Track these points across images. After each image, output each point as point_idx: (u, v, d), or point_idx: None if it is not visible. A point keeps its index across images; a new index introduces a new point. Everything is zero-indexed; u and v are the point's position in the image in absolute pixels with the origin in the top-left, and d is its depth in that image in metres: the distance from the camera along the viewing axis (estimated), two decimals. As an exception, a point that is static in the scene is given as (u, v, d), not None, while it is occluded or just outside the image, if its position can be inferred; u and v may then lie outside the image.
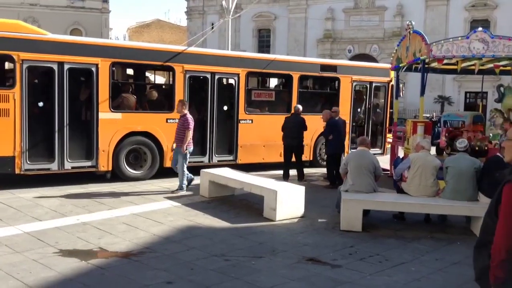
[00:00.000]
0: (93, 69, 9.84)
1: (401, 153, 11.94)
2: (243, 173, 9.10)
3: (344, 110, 13.16)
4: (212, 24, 37.37)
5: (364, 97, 13.96)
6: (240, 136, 11.72)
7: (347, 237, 6.80)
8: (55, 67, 9.44)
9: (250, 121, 11.95)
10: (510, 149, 2.71)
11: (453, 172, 7.24)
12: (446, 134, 10.69)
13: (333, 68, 13.40)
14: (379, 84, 13.93)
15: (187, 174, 9.39)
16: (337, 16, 37.68)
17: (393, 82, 13.07)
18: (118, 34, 69.73)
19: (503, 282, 2.56)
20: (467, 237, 6.97)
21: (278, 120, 11.20)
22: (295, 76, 12.55)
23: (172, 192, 9.27)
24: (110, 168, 10.18)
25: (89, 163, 9.98)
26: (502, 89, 11.69)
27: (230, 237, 6.57)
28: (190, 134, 9.12)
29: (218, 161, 11.45)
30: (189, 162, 9.69)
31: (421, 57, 9.82)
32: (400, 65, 11.75)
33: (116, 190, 9.38)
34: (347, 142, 12.56)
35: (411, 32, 10.56)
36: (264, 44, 40.26)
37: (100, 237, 6.35)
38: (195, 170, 9.94)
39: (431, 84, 26.81)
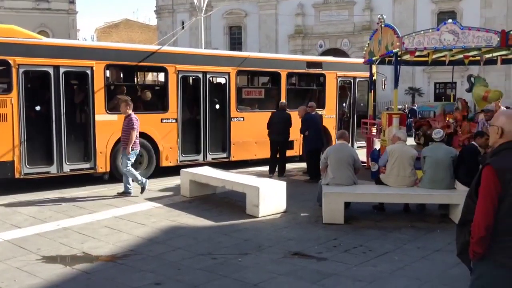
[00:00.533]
0: (88, 71, 9.91)
1: (377, 145, 12.13)
2: (223, 171, 9.11)
3: (330, 105, 13.66)
4: (183, 23, 37.13)
5: (348, 92, 14.25)
6: (233, 134, 11.91)
7: (330, 230, 6.89)
8: (51, 70, 9.49)
9: (242, 119, 12.15)
10: (493, 134, 2.89)
11: (430, 161, 7.40)
12: (413, 125, 10.95)
13: (318, 64, 13.68)
14: (362, 79, 14.21)
15: (141, 179, 8.99)
16: (307, 12, 37.91)
17: (375, 77, 13.43)
18: (86, 35, 68.57)
19: (480, 257, 2.76)
20: (446, 225, 7.15)
21: (268, 117, 11.33)
22: (283, 74, 12.81)
23: (119, 194, 8.97)
24: (108, 170, 10.22)
25: (87, 165, 10.02)
26: (472, 79, 12.00)
27: (214, 236, 6.58)
28: (135, 134, 8.81)
29: (212, 158, 11.64)
30: (185, 161, 9.82)
31: (393, 50, 9.99)
32: (373, 59, 11.93)
33: (95, 193, 9.26)
34: (334, 136, 12.85)
35: (382, 26, 10.73)
36: (235, 41, 40.22)
37: (83, 241, 6.27)
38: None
39: (402, 76, 27.19)
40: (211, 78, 11.81)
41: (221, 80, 12.11)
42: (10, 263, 5.41)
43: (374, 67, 13.00)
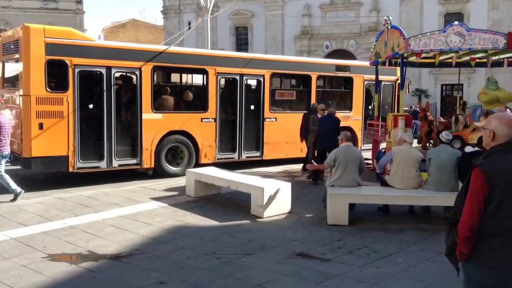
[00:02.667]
0: (137, 72, 10.51)
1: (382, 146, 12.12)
2: (228, 172, 9.13)
3: (357, 108, 14.31)
4: (189, 23, 37.21)
5: (372, 96, 14.69)
6: (266, 134, 12.40)
7: (335, 231, 6.90)
8: (103, 71, 10.05)
9: (274, 119, 12.66)
10: (485, 137, 2.95)
11: (435, 163, 7.39)
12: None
13: (347, 68, 14.17)
14: (387, 83, 14.71)
15: (15, 189, 8.41)
16: (314, 13, 37.83)
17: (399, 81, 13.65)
18: (93, 35, 68.80)
19: (467, 258, 2.81)
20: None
21: (298, 118, 11.98)
22: (314, 76, 13.40)
23: (12, 201, 8.40)
24: (152, 166, 10.76)
25: (134, 161, 10.57)
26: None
27: (219, 236, 6.60)
28: (4, 137, 8.32)
29: (247, 157, 12.27)
30: (221, 159, 10.67)
31: (399, 52, 9.98)
32: (379, 60, 11.92)
33: (100, 192, 9.31)
34: (360, 138, 13.60)
35: (389, 27, 10.72)
36: (242, 42, 40.21)
37: (88, 240, 6.31)
38: (226, 166, 10.53)
39: (409, 78, 27.01)
40: (247, 80, 12.38)
41: (256, 82, 12.67)
42: (16, 261, 5.47)
43: (398, 72, 12.97)
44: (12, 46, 10.00)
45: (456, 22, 9.76)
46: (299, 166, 12.66)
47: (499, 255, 2.76)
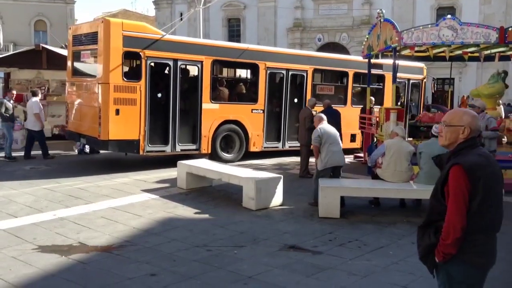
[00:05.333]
0: (199, 65, 11.44)
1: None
2: (220, 164, 9.12)
3: (388, 104, 14.19)
4: (181, 14, 36.92)
5: (402, 92, 15.55)
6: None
7: (326, 224, 6.92)
8: (171, 63, 10.98)
9: (315, 112, 12.53)
10: (447, 134, 2.88)
11: (426, 157, 7.41)
12: None
13: (379, 66, 14.51)
14: (415, 81, 15.75)
15: None
16: (306, 5, 37.70)
17: (425, 80, 15.12)
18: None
19: (450, 258, 2.75)
20: (441, 220, 7.17)
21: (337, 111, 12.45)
22: (350, 73, 14.21)
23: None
24: (209, 151, 11.67)
25: (193, 147, 11.55)
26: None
27: (210, 228, 6.60)
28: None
29: (289, 147, 12.95)
30: (268, 148, 11.40)
31: (392, 45, 9.97)
32: (371, 53, 11.91)
33: (91, 184, 9.24)
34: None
35: (381, 20, 10.70)
36: (234, 33, 39.96)
37: (78, 232, 6.28)
38: (271, 154, 11.37)
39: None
40: (292, 75, 13.21)
41: (300, 77, 13.47)
42: (5, 252, 5.42)
43: (425, 70, 13.03)
44: (86, 38, 10.96)
45: (449, 16, 9.75)
46: (291, 159, 12.67)
47: (483, 250, 2.77)
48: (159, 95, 11.07)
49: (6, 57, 16.41)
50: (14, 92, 12.81)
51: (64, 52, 17.35)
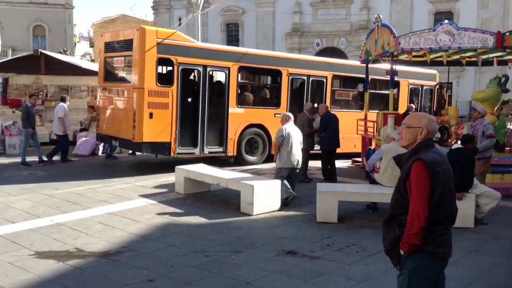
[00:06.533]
0: (226, 71, 11.93)
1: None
2: (218, 169, 9.11)
3: (403, 110, 14.89)
4: (180, 19, 36.99)
5: (415, 98, 16.19)
6: None
7: (324, 228, 6.91)
8: (200, 69, 11.46)
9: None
10: (407, 135, 3.09)
11: (424, 162, 7.40)
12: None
13: (395, 73, 14.27)
14: (428, 88, 16.34)
15: None
16: (305, 10, 37.80)
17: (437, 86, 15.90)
18: (82, 30, 68.29)
19: (415, 249, 2.89)
20: (439, 225, 7.17)
21: (352, 116, 13.41)
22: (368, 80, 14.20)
23: None
24: (235, 154, 12.15)
25: (220, 149, 12.00)
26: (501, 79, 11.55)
27: (208, 233, 6.58)
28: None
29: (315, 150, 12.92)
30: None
31: (389, 50, 10.00)
32: (369, 58, 11.94)
33: (88, 189, 9.21)
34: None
35: (379, 25, 10.74)
36: (233, 38, 40.03)
37: (76, 237, 6.26)
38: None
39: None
40: (312, 81, 13.71)
41: (320, 83, 13.98)
42: (2, 258, 5.40)
43: (437, 77, 13.70)
44: (119, 45, 11.49)
45: (446, 21, 9.80)
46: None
47: (443, 240, 2.95)
48: (189, 99, 11.50)
49: (4, 62, 16.43)
50: (35, 97, 13.07)
51: (62, 57, 17.42)
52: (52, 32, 39.46)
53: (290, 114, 8.80)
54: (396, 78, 14.71)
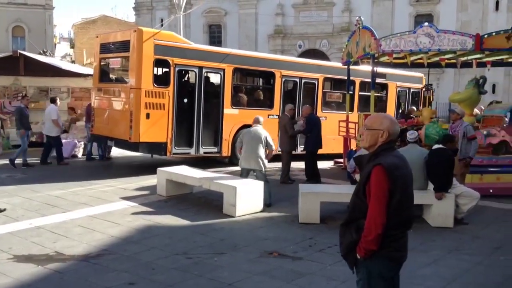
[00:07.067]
0: (221, 73, 12.13)
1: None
2: (200, 170, 9.07)
3: (390, 112, 15.75)
4: (162, 20, 36.79)
5: (402, 101, 16.62)
6: None
7: (306, 229, 6.93)
8: (196, 70, 11.66)
9: (325, 118, 13.41)
10: (368, 137, 3.03)
11: (404, 162, 7.48)
12: None
13: (383, 75, 15.31)
14: (415, 90, 16.72)
15: None
16: (287, 12, 37.97)
17: (424, 88, 16.38)
18: (62, 31, 67.46)
19: (371, 255, 2.88)
20: (419, 225, 7.24)
21: (343, 117, 13.23)
22: (357, 82, 14.75)
23: None
24: (229, 154, 12.29)
25: (215, 150, 12.19)
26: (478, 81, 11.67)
27: (190, 235, 6.55)
28: None
29: (301, 151, 12.84)
30: (280, 151, 10.89)
31: (370, 52, 10.08)
32: (350, 60, 12.03)
33: (68, 192, 9.09)
34: None
35: (360, 27, 10.81)
36: (215, 39, 40.02)
37: (55, 241, 6.16)
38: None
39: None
40: (305, 83, 13.96)
41: (312, 85, 14.19)
42: (-21, 263, 5.29)
43: (424, 80, 13.83)
44: (116, 46, 11.61)
45: (426, 23, 9.91)
46: (272, 165, 12.65)
47: (400, 245, 2.95)
48: (185, 100, 11.65)
49: (-18, 64, 16.09)
50: (28, 98, 13.03)
51: (42, 58, 17.16)
52: (31, 33, 38.85)
53: (260, 118, 8.87)
54: (384, 81, 15.46)
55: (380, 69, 15.07)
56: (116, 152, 13.84)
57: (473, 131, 9.14)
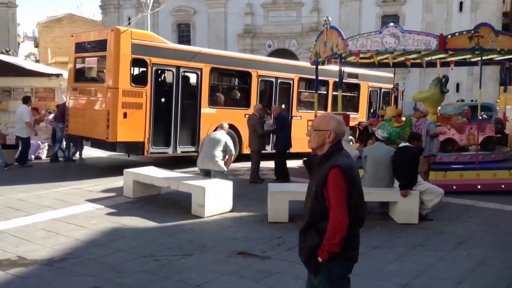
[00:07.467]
0: (198, 72, 12.21)
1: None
2: (168, 171, 8.97)
3: (362, 110, 16.23)
4: (129, 19, 36.29)
5: (374, 100, 16.93)
6: (293, 130, 12.64)
7: (275, 228, 6.94)
8: (174, 70, 11.73)
9: (300, 118, 14.25)
10: (315, 138, 3.03)
11: (371, 161, 7.61)
12: None
13: (355, 75, 15.80)
14: (386, 90, 17.00)
15: None
16: (256, 11, 38.04)
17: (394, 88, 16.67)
18: (27, 30, 65.74)
19: (334, 257, 2.90)
20: (386, 222, 7.38)
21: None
22: (331, 82, 14.93)
23: None
24: None
25: (193, 149, 12.13)
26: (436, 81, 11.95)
27: (158, 237, 6.46)
28: None
29: (271, 150, 13.17)
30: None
31: (338, 52, 10.17)
32: (318, 60, 12.10)
33: (32, 195, 8.84)
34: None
35: (328, 27, 10.89)
36: (184, 38, 39.71)
37: (18, 245, 5.98)
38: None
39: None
40: (281, 83, 14.23)
41: (287, 85, 14.46)
42: None
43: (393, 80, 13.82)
44: (92, 45, 11.57)
45: (391, 24, 10.04)
46: (242, 165, 12.66)
47: (356, 244, 2.99)
48: (163, 100, 11.67)
49: None
50: None
51: (4, 57, 16.67)
52: (-7, 31, 37.75)
53: (224, 124, 8.90)
54: (356, 81, 15.83)
55: (353, 70, 15.38)
56: (83, 153, 13.56)
57: (436, 129, 9.35)
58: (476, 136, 10.70)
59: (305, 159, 3.39)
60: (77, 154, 13.38)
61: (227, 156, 8.67)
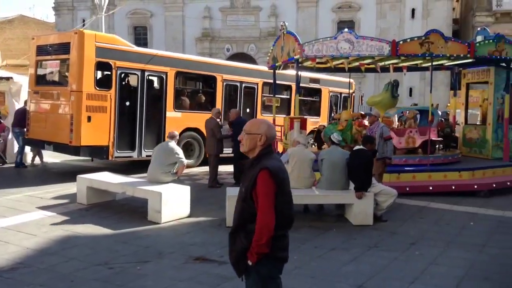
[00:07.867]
0: (164, 76, 12.32)
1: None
2: (124, 177, 8.80)
3: (324, 115, 16.70)
4: (83, 21, 35.45)
5: (334, 105, 17.45)
6: None
7: (233, 233, 6.90)
8: (139, 73, 11.77)
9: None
10: (247, 141, 3.10)
11: (327, 164, 7.72)
12: None
13: (317, 80, 16.31)
14: (345, 95, 17.50)
15: None
16: (214, 15, 37.93)
17: (353, 91, 17.22)
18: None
19: (262, 258, 2.92)
20: (342, 224, 7.50)
21: (281, 120, 12.89)
22: (294, 86, 14.12)
23: None
24: None
25: None
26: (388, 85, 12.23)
27: (113, 244, 6.31)
28: None
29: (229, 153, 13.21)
30: (223, 154, 10.89)
31: (295, 57, 10.29)
32: (276, 64, 12.21)
33: (-20, 203, 8.48)
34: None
35: (285, 32, 11.01)
36: (141, 41, 39.06)
37: (-37, 256, 5.71)
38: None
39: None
40: (245, 87, 14.47)
41: (252, 89, 14.76)
42: None
43: (353, 85, 14.49)
44: (54, 48, 11.42)
45: (346, 30, 10.27)
46: (200, 169, 12.59)
47: (285, 244, 3.03)
48: (127, 103, 11.65)
49: None
50: None
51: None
52: None
53: (174, 133, 8.65)
54: (318, 86, 16.31)
55: (315, 75, 15.62)
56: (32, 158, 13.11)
57: (389, 132, 9.60)
58: (416, 139, 11.12)
59: (239, 162, 3.40)
60: (38, 159, 13.02)
61: (178, 165, 8.32)
